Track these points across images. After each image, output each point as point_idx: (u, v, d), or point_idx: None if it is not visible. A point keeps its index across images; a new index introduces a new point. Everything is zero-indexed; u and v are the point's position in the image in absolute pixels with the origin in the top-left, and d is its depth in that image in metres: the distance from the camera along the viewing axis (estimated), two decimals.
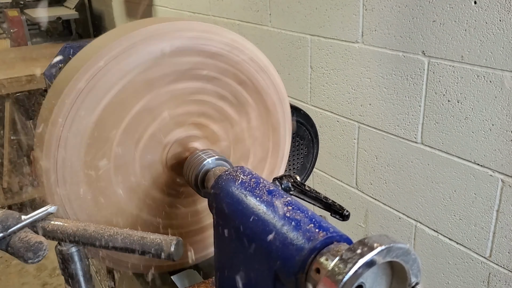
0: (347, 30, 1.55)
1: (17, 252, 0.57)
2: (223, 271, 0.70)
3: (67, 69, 0.73)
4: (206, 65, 0.79)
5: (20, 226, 0.59)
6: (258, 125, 0.90)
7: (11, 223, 0.58)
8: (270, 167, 0.97)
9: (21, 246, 0.57)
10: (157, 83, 0.75)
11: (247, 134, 0.90)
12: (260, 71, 0.85)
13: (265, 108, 0.89)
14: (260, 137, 0.92)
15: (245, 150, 0.91)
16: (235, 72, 0.82)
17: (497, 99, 1.17)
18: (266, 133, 0.92)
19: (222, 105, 0.85)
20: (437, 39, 1.27)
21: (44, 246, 0.59)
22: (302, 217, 0.57)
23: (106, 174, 0.77)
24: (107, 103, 0.72)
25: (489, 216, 1.25)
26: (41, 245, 0.58)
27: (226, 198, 0.66)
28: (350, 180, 1.72)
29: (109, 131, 0.74)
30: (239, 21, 2.15)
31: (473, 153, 1.26)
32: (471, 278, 1.35)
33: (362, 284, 0.48)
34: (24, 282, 2.59)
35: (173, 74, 0.77)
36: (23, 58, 3.41)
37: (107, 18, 4.19)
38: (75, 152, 0.72)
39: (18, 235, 0.58)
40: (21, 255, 0.57)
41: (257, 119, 0.89)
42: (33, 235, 0.60)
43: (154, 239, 0.63)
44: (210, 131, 0.86)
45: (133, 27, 0.74)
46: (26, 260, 0.58)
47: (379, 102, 1.50)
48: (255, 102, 0.87)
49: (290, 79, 1.87)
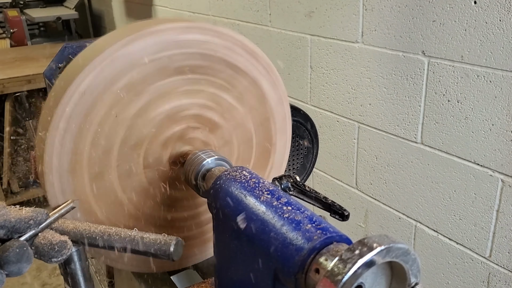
0: (347, 30, 1.55)
1: (41, 251, 0.57)
2: (222, 271, 0.70)
3: (67, 71, 0.73)
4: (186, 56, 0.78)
5: (48, 222, 0.59)
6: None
7: (42, 219, 0.58)
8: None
9: (45, 245, 0.57)
10: (151, 79, 0.76)
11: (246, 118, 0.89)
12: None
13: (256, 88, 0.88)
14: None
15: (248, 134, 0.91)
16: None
17: (497, 99, 1.17)
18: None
19: (216, 91, 0.84)
20: (437, 39, 1.27)
21: (68, 245, 0.58)
22: (301, 217, 0.57)
23: (107, 177, 0.77)
24: (106, 105, 0.72)
25: (489, 216, 1.25)
26: (65, 243, 0.58)
27: (226, 198, 0.66)
28: (350, 180, 1.72)
29: (109, 132, 0.74)
30: (239, 21, 2.15)
31: (473, 153, 1.26)
32: (471, 278, 1.35)
33: (361, 284, 0.48)
34: (23, 282, 2.59)
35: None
36: (23, 58, 3.41)
37: (107, 18, 4.19)
38: (76, 153, 0.72)
39: (43, 234, 0.58)
40: (45, 254, 0.57)
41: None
42: (56, 234, 0.60)
43: (154, 239, 0.63)
44: (208, 120, 0.85)
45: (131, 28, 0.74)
46: (50, 259, 0.57)
47: (379, 102, 1.50)
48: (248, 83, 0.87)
49: (290, 79, 1.87)
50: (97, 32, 4.55)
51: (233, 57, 0.83)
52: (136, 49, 0.72)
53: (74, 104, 0.70)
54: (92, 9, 4.54)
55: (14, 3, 4.31)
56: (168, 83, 0.78)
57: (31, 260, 0.54)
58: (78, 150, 0.72)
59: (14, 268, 0.52)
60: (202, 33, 0.78)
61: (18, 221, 0.55)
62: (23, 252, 0.53)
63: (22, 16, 4.13)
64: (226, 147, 0.89)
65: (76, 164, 0.73)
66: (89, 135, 0.72)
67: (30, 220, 0.56)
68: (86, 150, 0.73)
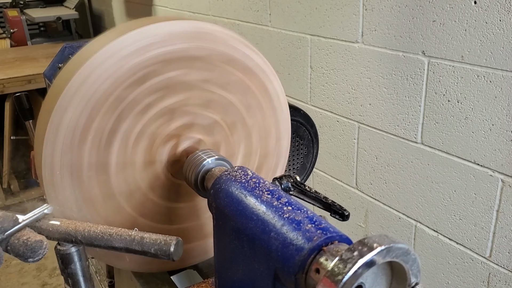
0: (347, 30, 1.55)
1: (16, 252, 0.58)
2: (223, 271, 0.70)
3: (66, 69, 0.73)
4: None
5: (17, 228, 0.60)
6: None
7: (8, 226, 0.58)
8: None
9: (20, 246, 0.57)
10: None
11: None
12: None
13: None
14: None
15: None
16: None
17: (497, 99, 1.17)
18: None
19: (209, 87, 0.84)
20: (437, 39, 1.27)
21: (44, 244, 0.59)
22: (302, 217, 0.57)
23: (105, 176, 0.76)
24: (106, 104, 0.72)
25: (489, 216, 1.25)
26: (41, 243, 0.58)
27: (226, 198, 0.66)
28: (350, 180, 1.72)
29: (109, 131, 0.74)
30: (239, 21, 2.15)
31: (473, 153, 1.26)
32: (471, 278, 1.35)
33: (361, 284, 0.48)
34: (24, 282, 2.59)
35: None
36: (23, 58, 3.41)
37: (107, 18, 4.19)
38: (75, 152, 0.72)
39: (17, 235, 0.59)
40: (20, 254, 0.58)
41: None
42: (33, 234, 0.60)
43: (153, 239, 0.63)
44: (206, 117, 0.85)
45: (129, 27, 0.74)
46: (26, 259, 0.58)
47: (379, 102, 1.50)
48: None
49: (290, 79, 1.87)
50: (97, 32, 4.55)
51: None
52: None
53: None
54: (92, 9, 4.53)
55: (14, 3, 4.31)
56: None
57: (1, 260, 0.55)
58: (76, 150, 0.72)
59: None
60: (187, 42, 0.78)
61: None
62: None
63: (22, 16, 4.13)
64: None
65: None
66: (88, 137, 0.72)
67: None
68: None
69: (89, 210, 0.77)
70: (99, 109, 0.72)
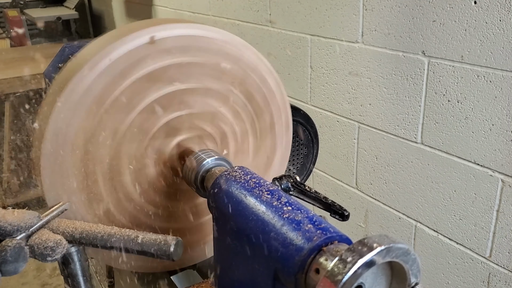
0: (347, 30, 1.55)
1: (36, 251, 0.58)
2: (222, 271, 0.70)
3: (67, 68, 0.73)
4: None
5: (40, 224, 0.60)
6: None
7: (32, 222, 0.59)
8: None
9: (40, 244, 0.58)
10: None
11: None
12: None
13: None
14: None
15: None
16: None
17: (497, 99, 1.16)
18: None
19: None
20: (437, 39, 1.27)
21: (63, 244, 0.59)
22: (301, 217, 0.57)
23: (104, 175, 0.77)
24: (109, 102, 0.72)
25: (489, 216, 1.25)
26: (60, 242, 0.59)
27: (226, 198, 0.66)
28: (350, 180, 1.72)
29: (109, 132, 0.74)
30: (239, 21, 2.15)
31: (473, 153, 1.26)
32: (471, 278, 1.35)
33: (361, 285, 0.48)
34: (24, 282, 2.59)
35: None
36: (23, 58, 3.41)
37: (107, 18, 4.19)
38: (75, 151, 0.72)
39: (37, 234, 0.59)
40: (40, 253, 0.58)
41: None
42: (51, 233, 0.60)
43: (153, 239, 0.63)
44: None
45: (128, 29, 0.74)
46: (45, 258, 0.58)
47: (379, 102, 1.50)
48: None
49: (290, 79, 1.87)
50: (97, 32, 4.55)
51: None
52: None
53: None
54: (92, 9, 4.53)
55: (14, 3, 4.31)
56: None
57: (26, 259, 0.55)
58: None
59: (11, 267, 0.53)
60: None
61: (10, 223, 0.55)
62: (20, 251, 0.54)
63: (22, 16, 4.13)
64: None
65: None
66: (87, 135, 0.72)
67: (22, 222, 0.57)
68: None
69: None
70: (99, 109, 0.72)
